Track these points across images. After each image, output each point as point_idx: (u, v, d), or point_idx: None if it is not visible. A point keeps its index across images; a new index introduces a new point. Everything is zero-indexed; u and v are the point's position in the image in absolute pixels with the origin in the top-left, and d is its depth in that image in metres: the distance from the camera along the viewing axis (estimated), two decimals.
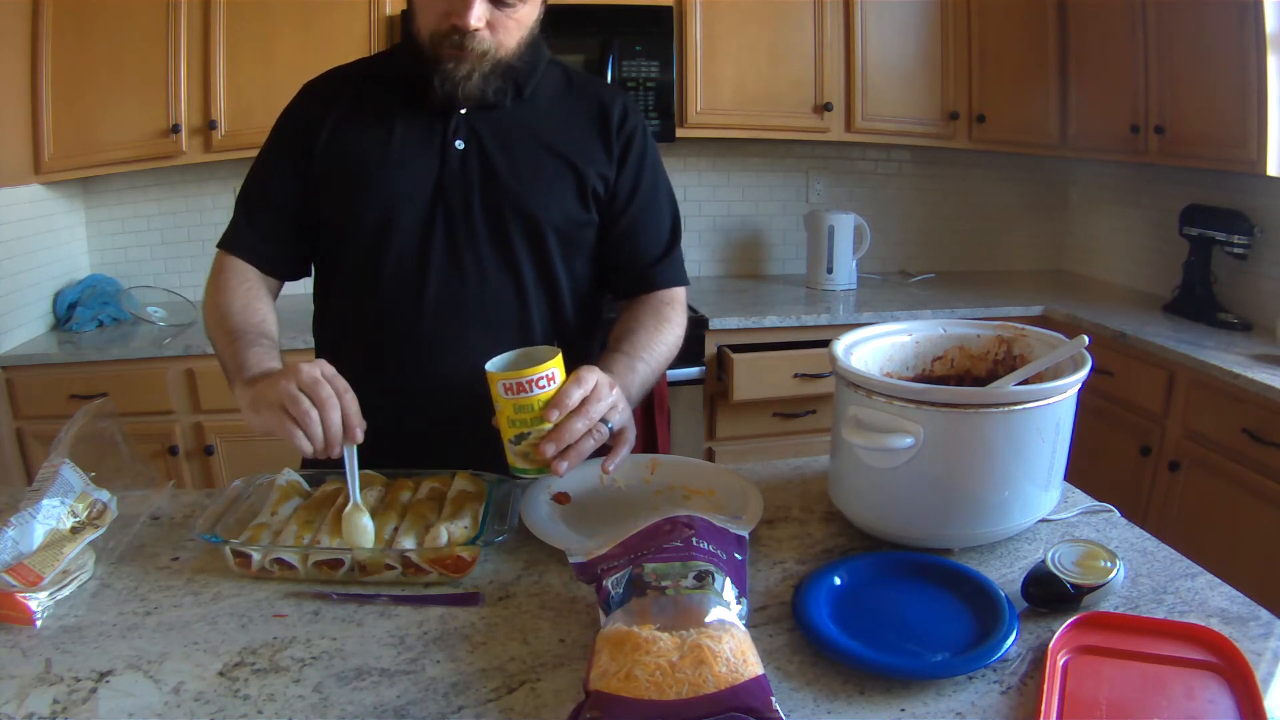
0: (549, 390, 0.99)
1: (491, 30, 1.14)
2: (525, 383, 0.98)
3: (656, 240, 1.33)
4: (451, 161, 1.21)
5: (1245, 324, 2.59)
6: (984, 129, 3.12)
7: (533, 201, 1.22)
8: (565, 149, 1.24)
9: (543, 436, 0.99)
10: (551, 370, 0.99)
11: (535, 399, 0.98)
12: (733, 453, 2.79)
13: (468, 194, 1.21)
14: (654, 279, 1.32)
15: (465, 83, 1.16)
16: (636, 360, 1.19)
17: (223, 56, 2.56)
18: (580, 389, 1.00)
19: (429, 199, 1.21)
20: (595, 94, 1.30)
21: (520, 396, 0.98)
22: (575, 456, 1.01)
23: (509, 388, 0.98)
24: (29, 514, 0.94)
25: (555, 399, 0.99)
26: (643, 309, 1.30)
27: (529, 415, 0.99)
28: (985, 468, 0.98)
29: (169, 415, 2.49)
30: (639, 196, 1.30)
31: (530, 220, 1.22)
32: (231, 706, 0.77)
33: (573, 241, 1.27)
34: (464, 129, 1.22)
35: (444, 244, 1.21)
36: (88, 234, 2.91)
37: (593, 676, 0.73)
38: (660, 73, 2.79)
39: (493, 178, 1.21)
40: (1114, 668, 0.80)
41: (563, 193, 1.24)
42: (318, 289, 1.33)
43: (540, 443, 0.99)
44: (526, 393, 0.98)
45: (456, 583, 0.98)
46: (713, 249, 3.38)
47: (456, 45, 1.13)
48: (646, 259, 1.32)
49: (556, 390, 0.99)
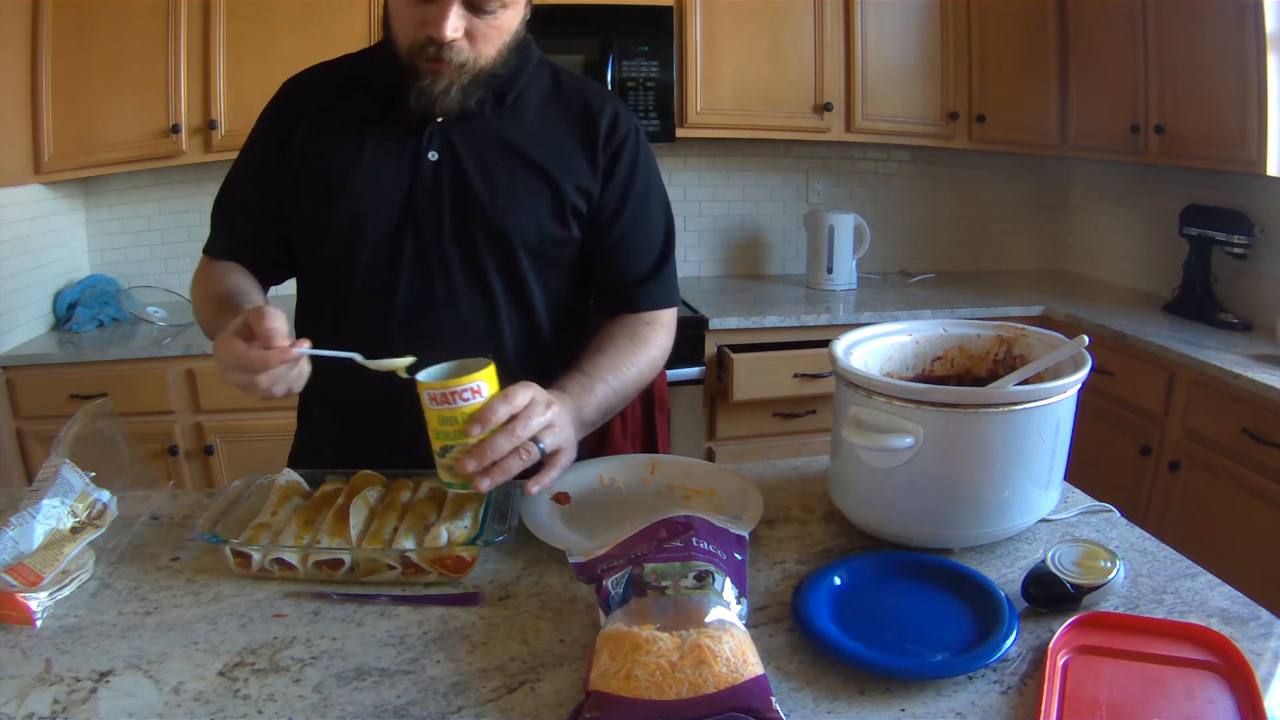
0: (474, 403, 0.95)
1: (470, 40, 1.09)
2: (449, 394, 0.94)
3: (644, 258, 1.26)
4: (423, 173, 1.17)
5: (1245, 324, 2.59)
6: (984, 129, 3.12)
7: (504, 217, 1.17)
8: (544, 161, 1.19)
9: (465, 451, 0.95)
10: (477, 383, 0.95)
11: (460, 411, 0.94)
12: (733, 453, 2.79)
13: (438, 207, 1.17)
14: (637, 300, 1.26)
15: (443, 98, 1.12)
16: (596, 382, 1.14)
17: (223, 56, 2.56)
18: (507, 406, 0.96)
19: (398, 211, 1.17)
20: (583, 99, 1.24)
21: (444, 408, 0.95)
22: (499, 474, 0.96)
23: (434, 398, 0.95)
24: (29, 514, 0.94)
25: (479, 414, 0.94)
26: (619, 329, 1.24)
27: (453, 428, 0.95)
28: (985, 468, 0.98)
29: (169, 415, 2.49)
30: (627, 212, 1.24)
31: (500, 236, 1.18)
32: (231, 706, 0.77)
33: (548, 259, 1.22)
34: (438, 139, 1.17)
35: (413, 256, 1.18)
36: (88, 234, 2.91)
37: (593, 676, 0.73)
38: (660, 73, 2.79)
39: (464, 191, 1.17)
40: (1114, 668, 0.80)
41: (537, 208, 1.19)
42: (298, 290, 1.31)
43: (462, 457, 0.95)
44: (450, 404, 0.94)
45: (456, 583, 0.98)
46: (713, 249, 3.38)
47: (433, 57, 1.09)
48: (632, 278, 1.26)
49: (482, 405, 0.95)
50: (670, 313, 1.30)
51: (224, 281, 1.21)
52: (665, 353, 1.27)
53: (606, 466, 1.23)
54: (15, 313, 2.48)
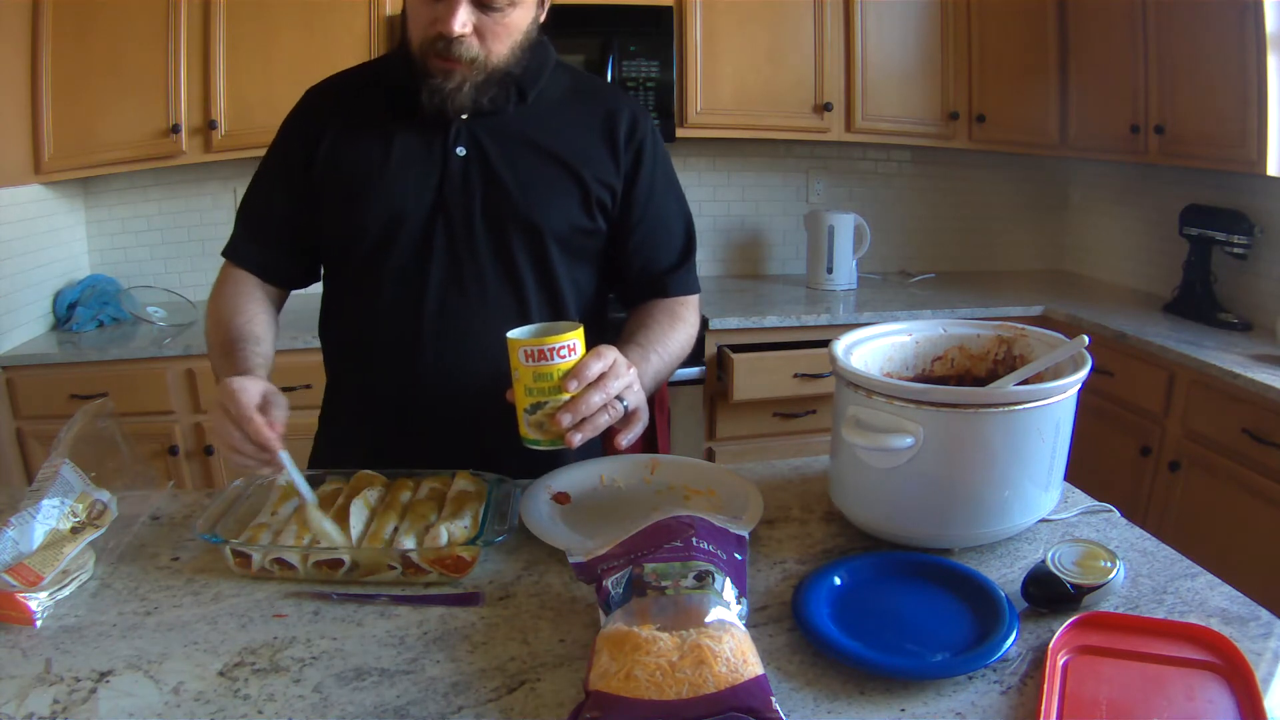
0: (569, 360, 1.00)
1: (480, 37, 1.12)
2: (547, 350, 0.99)
3: (671, 250, 1.32)
4: (453, 169, 1.20)
5: (1245, 324, 2.59)
6: (984, 129, 3.12)
7: (534, 209, 1.21)
8: (568, 156, 1.22)
9: (559, 407, 0.99)
10: (573, 341, 1.00)
11: (555, 368, 0.99)
12: (733, 453, 2.79)
13: (469, 202, 1.20)
14: (667, 286, 1.32)
15: (455, 95, 1.14)
16: (650, 351, 1.20)
17: (223, 56, 2.55)
18: (600, 363, 1.01)
19: (430, 207, 1.20)
20: (602, 100, 1.28)
21: (540, 364, 0.99)
22: (590, 429, 1.01)
23: (530, 354, 0.99)
24: (29, 514, 0.94)
25: (575, 370, 0.99)
26: (656, 308, 1.30)
27: (547, 384, 0.99)
28: (985, 468, 0.98)
29: (169, 415, 2.49)
30: (652, 210, 1.29)
31: (532, 228, 1.21)
32: (231, 706, 0.77)
33: (576, 250, 1.26)
34: (465, 136, 1.20)
35: (444, 252, 1.20)
36: (88, 234, 2.91)
37: (593, 676, 0.73)
38: (660, 73, 2.79)
39: (494, 184, 1.20)
40: (1114, 668, 0.80)
41: (566, 200, 1.22)
42: (325, 291, 1.33)
43: (557, 412, 0.99)
44: (547, 360, 0.99)
45: (456, 583, 0.98)
46: (713, 249, 3.38)
47: (443, 53, 1.11)
48: (662, 267, 1.31)
49: (576, 362, 1.00)
50: (697, 298, 1.37)
51: (237, 315, 1.21)
52: (695, 333, 1.32)
53: (606, 466, 1.24)
54: (15, 313, 2.48)
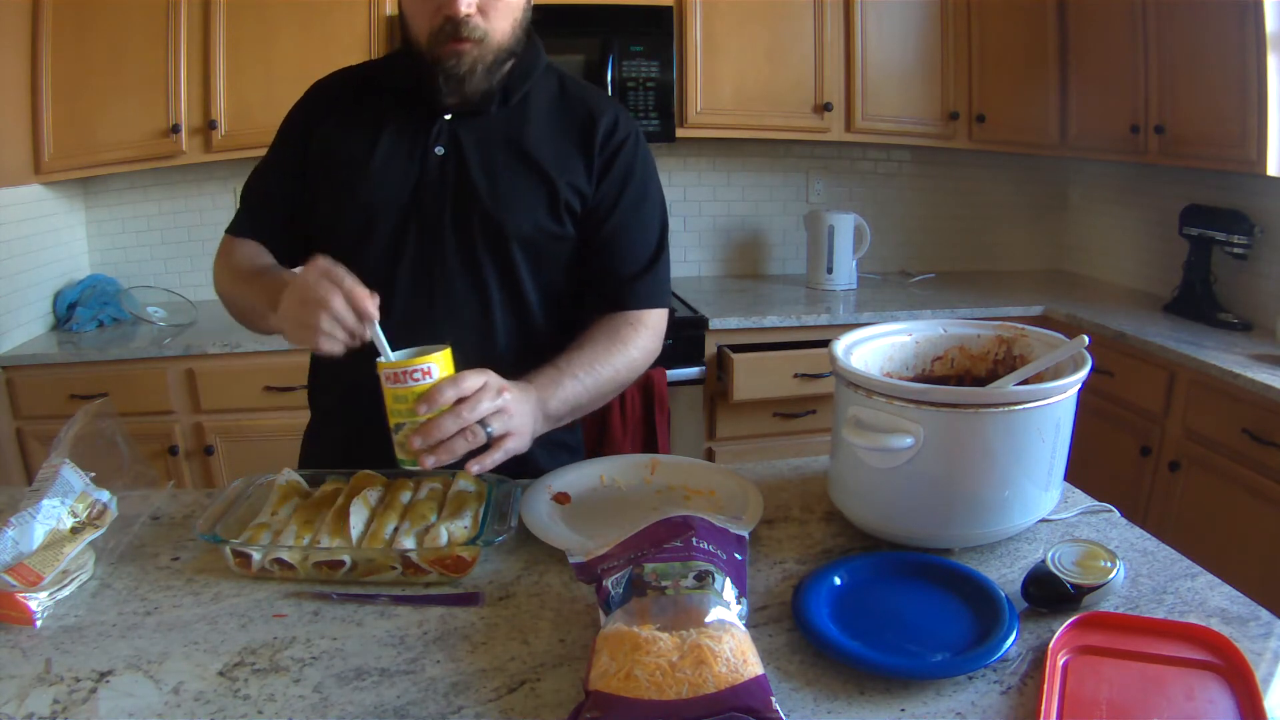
0: (423, 384, 1.00)
1: (484, 14, 1.14)
2: (401, 373, 0.99)
3: (635, 258, 1.28)
4: (430, 167, 1.21)
5: (1245, 324, 2.59)
6: (984, 129, 3.12)
7: (500, 209, 1.20)
8: (542, 159, 1.22)
9: (414, 429, 1.00)
10: (428, 365, 1.00)
11: (410, 390, 0.99)
12: (733, 453, 2.79)
13: (440, 201, 1.21)
14: (624, 298, 1.26)
15: (470, 78, 1.16)
16: (566, 377, 1.15)
17: (223, 56, 2.55)
18: (454, 389, 0.99)
19: (405, 206, 1.21)
20: (586, 104, 1.27)
21: (397, 386, 1.00)
22: (444, 454, 0.99)
23: (388, 377, 1.00)
24: (29, 514, 0.94)
25: (426, 394, 0.99)
26: (600, 328, 1.25)
27: (404, 406, 1.00)
28: (985, 468, 0.98)
29: (169, 415, 2.49)
30: (619, 211, 1.26)
31: (495, 229, 1.21)
32: (231, 706, 0.77)
33: (542, 254, 1.25)
34: (445, 135, 1.21)
35: (415, 250, 1.21)
36: (88, 234, 2.91)
37: (593, 676, 0.73)
38: (660, 73, 2.79)
39: (465, 184, 1.20)
40: (1114, 668, 0.80)
41: (533, 203, 1.22)
42: None
43: (410, 435, 1.00)
44: (402, 383, 1.00)
45: (456, 583, 0.98)
46: (713, 249, 3.38)
47: (452, 35, 1.13)
48: (621, 276, 1.27)
49: (431, 385, 1.00)
50: (657, 314, 1.30)
51: (257, 258, 1.26)
52: (647, 354, 1.27)
53: (606, 466, 1.24)
54: (15, 313, 2.48)
